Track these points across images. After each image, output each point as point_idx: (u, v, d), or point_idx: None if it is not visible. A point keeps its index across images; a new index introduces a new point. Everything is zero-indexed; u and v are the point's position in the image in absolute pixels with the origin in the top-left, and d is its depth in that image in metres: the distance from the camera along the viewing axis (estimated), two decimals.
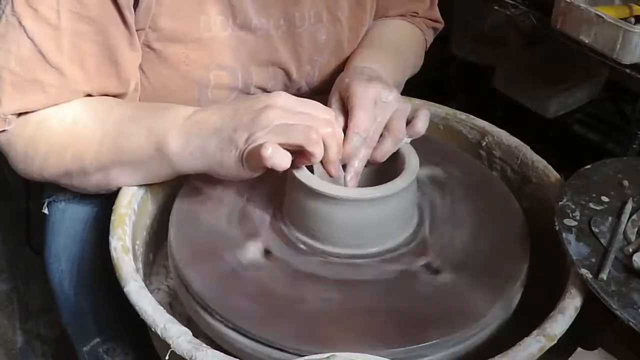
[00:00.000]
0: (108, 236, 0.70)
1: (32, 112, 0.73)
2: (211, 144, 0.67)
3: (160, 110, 0.72)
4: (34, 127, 0.73)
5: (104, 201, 0.84)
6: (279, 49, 0.84)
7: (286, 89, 0.86)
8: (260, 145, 0.63)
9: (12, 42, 0.69)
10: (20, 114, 0.73)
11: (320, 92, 0.86)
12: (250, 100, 0.68)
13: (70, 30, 0.70)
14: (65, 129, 0.73)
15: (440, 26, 1.06)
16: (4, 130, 0.72)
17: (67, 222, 0.88)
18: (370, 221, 0.69)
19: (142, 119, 0.72)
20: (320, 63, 0.89)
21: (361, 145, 0.70)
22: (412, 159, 0.71)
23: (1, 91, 0.70)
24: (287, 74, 0.87)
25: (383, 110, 0.71)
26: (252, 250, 0.70)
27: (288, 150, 0.64)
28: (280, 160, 0.63)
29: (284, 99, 0.67)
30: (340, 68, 0.88)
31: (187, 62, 0.79)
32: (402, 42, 0.97)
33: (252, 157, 0.64)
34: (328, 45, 0.88)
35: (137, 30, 0.75)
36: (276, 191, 0.76)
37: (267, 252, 0.70)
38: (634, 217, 0.70)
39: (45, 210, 0.89)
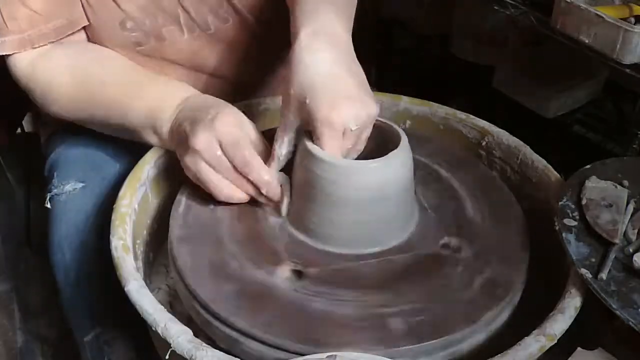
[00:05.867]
0: (109, 228, 0.71)
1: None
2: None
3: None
4: (49, 78, 0.84)
5: (106, 193, 0.88)
6: None
7: None
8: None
9: None
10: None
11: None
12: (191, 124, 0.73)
13: None
14: (76, 88, 0.84)
15: None
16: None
17: (69, 213, 0.88)
18: (370, 198, 0.68)
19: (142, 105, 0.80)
20: None
21: None
22: (403, 139, 0.70)
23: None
24: None
25: (351, 138, 0.67)
26: (253, 249, 0.70)
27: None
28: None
29: (210, 150, 0.70)
30: None
31: None
32: None
33: None
34: None
35: None
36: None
37: (267, 252, 0.70)
38: (634, 217, 0.70)
39: (48, 205, 0.90)
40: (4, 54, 0.84)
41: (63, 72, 0.85)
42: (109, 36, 0.88)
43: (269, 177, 0.71)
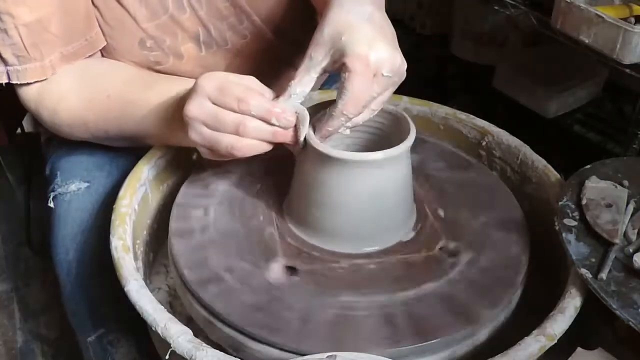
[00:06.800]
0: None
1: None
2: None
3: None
4: (55, 102, 0.83)
5: (111, 193, 0.88)
6: None
7: None
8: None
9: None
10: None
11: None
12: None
13: None
14: (84, 110, 0.82)
15: None
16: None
17: (73, 213, 0.88)
18: (372, 191, 0.68)
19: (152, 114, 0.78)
20: None
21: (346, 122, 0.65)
22: (411, 131, 0.69)
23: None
24: None
25: (380, 85, 0.64)
26: (252, 249, 0.70)
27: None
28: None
29: (202, 109, 0.66)
30: None
31: None
32: None
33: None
34: None
35: None
36: (278, 190, 0.76)
37: (267, 252, 0.70)
38: (634, 217, 0.70)
39: (51, 204, 0.89)
40: (25, 82, 0.81)
41: (69, 95, 0.83)
42: (127, 55, 0.87)
43: (270, 105, 0.65)
